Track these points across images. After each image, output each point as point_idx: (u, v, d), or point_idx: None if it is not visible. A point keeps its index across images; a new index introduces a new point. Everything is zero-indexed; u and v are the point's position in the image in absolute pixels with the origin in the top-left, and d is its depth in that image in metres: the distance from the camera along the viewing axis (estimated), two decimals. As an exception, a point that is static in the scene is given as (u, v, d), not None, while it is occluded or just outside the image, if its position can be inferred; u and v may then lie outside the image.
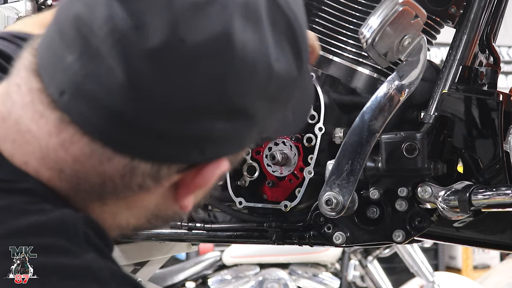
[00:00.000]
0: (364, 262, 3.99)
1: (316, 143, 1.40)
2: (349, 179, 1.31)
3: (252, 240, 1.57)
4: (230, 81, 0.70)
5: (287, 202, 1.43)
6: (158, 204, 0.79)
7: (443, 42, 2.33)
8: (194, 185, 0.77)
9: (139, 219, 0.80)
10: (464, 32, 1.41)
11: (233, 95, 0.71)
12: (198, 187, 0.77)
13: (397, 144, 1.32)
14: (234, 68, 0.70)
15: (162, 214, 0.81)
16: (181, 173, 0.75)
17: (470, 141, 1.38)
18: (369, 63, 1.48)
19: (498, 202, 1.26)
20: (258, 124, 0.77)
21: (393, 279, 4.15)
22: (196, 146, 0.73)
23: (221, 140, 0.74)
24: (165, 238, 1.69)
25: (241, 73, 0.71)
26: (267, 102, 0.75)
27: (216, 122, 0.72)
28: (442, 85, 1.38)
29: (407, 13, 1.26)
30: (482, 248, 4.53)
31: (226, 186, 1.50)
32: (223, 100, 0.71)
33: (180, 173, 0.75)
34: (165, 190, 0.77)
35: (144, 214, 0.80)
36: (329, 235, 1.43)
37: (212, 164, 0.76)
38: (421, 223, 1.35)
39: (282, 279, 4.03)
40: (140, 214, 0.80)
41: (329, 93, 1.43)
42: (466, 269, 6.10)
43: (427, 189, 1.32)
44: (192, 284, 4.15)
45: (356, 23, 1.46)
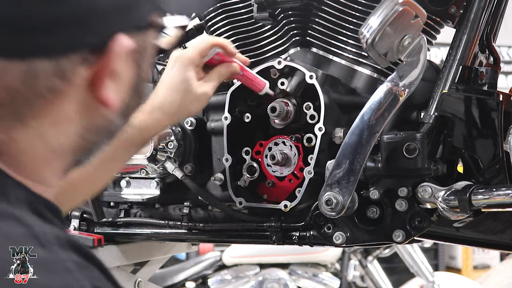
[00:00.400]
0: (364, 262, 3.99)
1: (316, 143, 1.40)
2: (349, 179, 1.31)
3: (252, 240, 1.57)
4: None
5: (287, 202, 1.43)
6: (82, 112, 0.74)
7: (443, 42, 2.33)
8: (102, 71, 0.72)
9: (69, 137, 0.75)
10: (464, 32, 1.41)
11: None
12: (108, 73, 0.73)
13: (397, 144, 1.32)
14: None
15: (92, 124, 0.76)
16: (86, 65, 0.71)
17: (470, 141, 1.38)
18: (369, 63, 1.48)
19: (498, 202, 1.26)
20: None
21: (393, 279, 4.15)
22: (82, 27, 0.69)
23: (107, 15, 0.71)
24: (165, 238, 1.69)
25: None
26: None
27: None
28: (442, 85, 1.38)
29: (407, 13, 1.26)
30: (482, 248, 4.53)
31: (226, 186, 1.50)
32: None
33: (85, 66, 0.71)
34: (81, 93, 0.73)
35: (73, 129, 0.74)
36: (329, 235, 1.43)
37: (111, 43, 0.71)
38: (421, 223, 1.35)
39: (282, 279, 4.03)
40: (69, 130, 0.74)
41: (329, 93, 1.43)
42: (466, 269, 6.10)
43: (427, 189, 1.32)
44: (192, 284, 4.16)
45: (356, 23, 1.46)
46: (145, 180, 1.65)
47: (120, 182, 1.68)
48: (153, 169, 1.61)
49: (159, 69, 1.80)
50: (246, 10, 1.57)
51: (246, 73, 1.43)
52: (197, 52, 1.36)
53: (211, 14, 1.62)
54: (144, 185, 1.65)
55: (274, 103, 1.43)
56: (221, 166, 1.53)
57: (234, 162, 1.49)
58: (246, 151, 1.51)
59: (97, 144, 0.80)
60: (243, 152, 1.51)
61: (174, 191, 1.64)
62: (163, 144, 1.59)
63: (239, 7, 1.58)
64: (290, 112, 1.44)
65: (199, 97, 1.35)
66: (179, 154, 1.59)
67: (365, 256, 3.99)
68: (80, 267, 0.65)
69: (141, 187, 1.66)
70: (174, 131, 1.60)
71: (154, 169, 1.61)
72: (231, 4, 1.59)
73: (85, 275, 0.65)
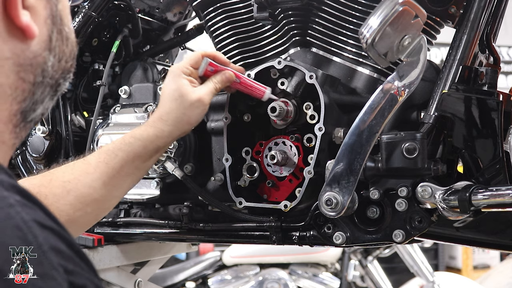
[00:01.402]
0: (364, 262, 3.99)
1: (316, 143, 1.40)
2: (349, 179, 1.31)
3: (252, 240, 1.57)
4: None
5: (287, 202, 1.43)
6: (10, 47, 0.76)
7: (443, 42, 2.33)
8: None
9: (7, 76, 0.76)
10: (464, 32, 1.41)
11: None
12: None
13: (397, 144, 1.32)
14: None
15: (22, 58, 0.77)
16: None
17: (470, 141, 1.38)
18: (369, 63, 1.48)
19: (498, 202, 1.26)
20: None
21: (393, 279, 4.15)
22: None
23: None
24: (165, 238, 1.69)
25: None
26: None
27: None
28: (442, 85, 1.38)
29: (407, 13, 1.26)
30: (482, 248, 4.53)
31: (226, 186, 1.50)
32: None
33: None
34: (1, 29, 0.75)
35: (7, 68, 0.76)
36: (329, 235, 1.43)
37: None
38: (421, 223, 1.35)
39: (282, 279, 4.03)
40: (2, 68, 0.76)
41: (329, 93, 1.43)
42: (466, 269, 6.10)
43: (427, 189, 1.32)
44: (192, 284, 4.16)
45: (356, 23, 1.46)
46: (145, 180, 1.65)
47: (120, 182, 1.68)
48: (153, 169, 1.61)
49: (159, 69, 1.80)
50: (246, 10, 1.57)
51: (243, 80, 1.44)
52: (187, 62, 1.40)
53: (211, 14, 1.62)
54: (144, 185, 1.65)
55: (274, 103, 1.43)
56: (221, 166, 1.53)
57: (234, 162, 1.49)
58: (246, 151, 1.51)
59: (39, 89, 0.81)
60: (243, 152, 1.51)
61: (174, 191, 1.64)
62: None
63: (239, 7, 1.58)
64: (290, 112, 1.43)
65: (195, 103, 1.37)
66: (179, 154, 1.59)
67: (365, 256, 4.00)
68: (22, 205, 0.66)
69: (141, 187, 1.66)
70: (174, 131, 1.60)
71: (154, 169, 1.61)
72: (231, 4, 1.59)
73: (27, 211, 0.65)
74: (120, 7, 1.78)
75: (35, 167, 1.82)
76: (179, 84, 1.38)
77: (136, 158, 1.35)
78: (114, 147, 1.35)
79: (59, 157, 1.77)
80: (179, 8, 1.96)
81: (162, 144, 1.38)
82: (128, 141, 1.35)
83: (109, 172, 1.32)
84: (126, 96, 1.71)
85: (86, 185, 1.30)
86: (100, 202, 1.33)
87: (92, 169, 1.32)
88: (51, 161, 1.78)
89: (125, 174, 1.35)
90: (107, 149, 1.35)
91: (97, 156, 1.34)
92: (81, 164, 1.33)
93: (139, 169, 1.37)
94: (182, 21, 2.00)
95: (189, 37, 1.95)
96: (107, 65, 1.72)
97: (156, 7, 1.91)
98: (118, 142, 1.36)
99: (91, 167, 1.32)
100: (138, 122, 1.64)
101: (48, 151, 1.76)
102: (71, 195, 1.28)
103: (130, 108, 1.68)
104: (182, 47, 2.01)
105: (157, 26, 1.94)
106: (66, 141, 1.76)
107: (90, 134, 1.69)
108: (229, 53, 1.61)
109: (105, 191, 1.32)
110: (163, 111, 1.38)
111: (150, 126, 1.37)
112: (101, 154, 1.34)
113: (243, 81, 1.44)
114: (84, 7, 1.71)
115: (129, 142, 1.35)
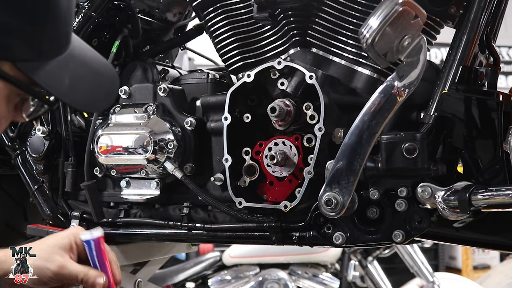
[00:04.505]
0: (364, 262, 3.98)
1: (316, 143, 1.40)
2: (349, 179, 1.31)
3: (252, 240, 1.57)
4: None
5: (287, 202, 1.43)
6: None
7: (443, 42, 2.33)
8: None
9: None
10: (464, 32, 1.41)
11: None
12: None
13: (397, 144, 1.32)
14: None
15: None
16: None
17: (470, 141, 1.38)
18: (369, 63, 1.48)
19: (498, 202, 1.26)
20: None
21: (393, 279, 4.14)
22: None
23: None
24: (165, 238, 1.69)
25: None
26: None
27: None
28: (442, 85, 1.38)
29: (407, 13, 1.26)
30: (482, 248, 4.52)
31: (226, 187, 1.50)
32: None
33: None
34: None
35: None
36: (329, 236, 1.43)
37: None
38: (421, 223, 1.35)
39: (282, 279, 4.03)
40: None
41: (329, 93, 1.43)
42: (466, 269, 6.09)
43: (427, 189, 1.32)
44: (192, 284, 4.15)
45: (356, 23, 1.45)
46: (145, 180, 1.65)
47: (120, 183, 1.68)
48: (153, 169, 1.61)
49: (159, 69, 1.80)
50: (246, 10, 1.56)
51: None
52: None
53: (211, 14, 1.62)
54: (144, 185, 1.65)
55: (274, 103, 1.43)
56: (221, 166, 1.53)
57: (234, 162, 1.49)
58: (246, 151, 1.51)
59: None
60: (243, 152, 1.51)
61: (174, 191, 1.64)
62: (163, 144, 1.59)
63: (239, 7, 1.58)
64: (290, 112, 1.43)
65: (55, 274, 1.15)
66: (179, 154, 1.59)
67: (365, 257, 3.99)
68: None
69: (141, 188, 1.66)
70: (174, 132, 1.60)
71: (154, 170, 1.61)
72: (231, 4, 1.59)
73: None
74: (120, 7, 1.78)
75: (35, 167, 1.82)
76: (60, 241, 1.21)
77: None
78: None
79: (59, 157, 1.77)
80: (179, 8, 1.96)
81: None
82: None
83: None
84: (126, 96, 1.71)
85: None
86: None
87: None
88: (51, 161, 1.78)
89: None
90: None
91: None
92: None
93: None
94: (182, 21, 2.00)
95: (189, 37, 1.94)
96: (107, 65, 1.72)
97: (156, 7, 1.90)
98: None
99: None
100: (138, 122, 1.64)
101: (48, 151, 1.76)
102: None
103: (130, 108, 1.68)
104: (182, 47, 2.01)
105: (157, 26, 1.93)
106: (66, 141, 1.76)
107: (90, 134, 1.69)
108: (229, 53, 1.61)
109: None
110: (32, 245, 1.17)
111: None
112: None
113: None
114: (84, 7, 1.71)
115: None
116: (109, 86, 1.08)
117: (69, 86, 0.96)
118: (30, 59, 0.91)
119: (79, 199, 1.77)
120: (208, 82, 1.67)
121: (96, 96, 1.04)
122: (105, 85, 1.06)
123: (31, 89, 0.94)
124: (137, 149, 1.60)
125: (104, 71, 1.06)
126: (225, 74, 1.71)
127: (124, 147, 1.63)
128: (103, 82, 1.05)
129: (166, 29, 1.98)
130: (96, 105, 1.11)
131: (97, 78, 1.04)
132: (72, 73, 0.97)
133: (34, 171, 1.83)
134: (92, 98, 1.03)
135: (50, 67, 0.93)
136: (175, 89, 1.68)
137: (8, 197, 2.11)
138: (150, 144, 1.58)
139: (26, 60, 0.91)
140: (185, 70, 1.93)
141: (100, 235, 1.23)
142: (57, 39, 0.94)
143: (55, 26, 0.93)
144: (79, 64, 1.00)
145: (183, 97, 1.69)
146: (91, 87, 1.02)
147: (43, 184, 1.82)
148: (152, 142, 1.58)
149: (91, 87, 1.02)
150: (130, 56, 1.86)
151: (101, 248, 1.24)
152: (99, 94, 1.05)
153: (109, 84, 1.07)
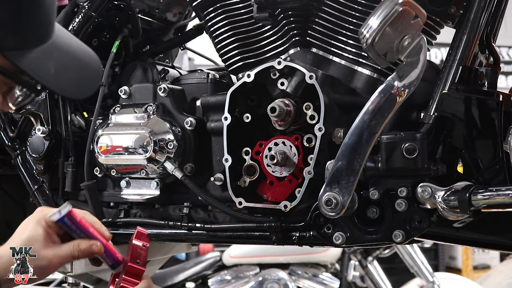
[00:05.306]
0: (364, 262, 3.98)
1: (316, 143, 1.40)
2: (349, 179, 1.31)
3: (252, 240, 1.57)
4: None
5: (287, 202, 1.43)
6: None
7: (443, 42, 2.33)
8: None
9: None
10: (464, 32, 1.41)
11: None
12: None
13: (397, 144, 1.32)
14: None
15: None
16: None
17: (470, 141, 1.38)
18: (369, 63, 1.48)
19: (498, 202, 1.26)
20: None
21: (393, 279, 4.14)
22: None
23: None
24: (165, 238, 1.69)
25: None
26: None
27: None
28: (442, 85, 1.38)
29: (407, 13, 1.26)
30: (482, 248, 4.52)
31: (226, 187, 1.50)
32: None
33: None
34: None
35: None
36: (329, 236, 1.43)
37: None
38: (421, 223, 1.35)
39: (282, 279, 4.03)
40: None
41: (329, 93, 1.43)
42: (466, 269, 6.09)
43: (427, 189, 1.32)
44: (192, 284, 4.15)
45: (356, 23, 1.45)
46: (145, 180, 1.65)
47: (120, 183, 1.68)
48: (153, 169, 1.61)
49: (159, 69, 1.80)
50: (246, 10, 1.56)
51: (108, 252, 1.27)
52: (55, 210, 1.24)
53: (211, 14, 1.62)
54: (144, 185, 1.65)
55: (274, 103, 1.43)
56: (221, 166, 1.53)
57: (234, 162, 1.49)
58: (246, 151, 1.51)
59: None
60: (243, 152, 1.51)
61: (174, 191, 1.64)
62: (163, 144, 1.59)
63: (239, 7, 1.58)
64: (290, 112, 1.43)
65: (40, 267, 1.09)
66: (179, 154, 1.59)
67: (365, 257, 3.99)
68: None
69: (141, 188, 1.66)
70: (174, 132, 1.60)
71: (154, 170, 1.61)
72: (231, 4, 1.59)
73: None
74: (120, 7, 1.78)
75: (35, 167, 1.81)
76: (34, 234, 1.12)
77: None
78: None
79: (59, 157, 1.77)
80: (179, 8, 1.96)
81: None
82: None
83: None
84: (126, 96, 1.71)
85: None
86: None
87: None
88: (51, 161, 1.78)
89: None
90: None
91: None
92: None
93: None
94: (182, 21, 2.00)
95: (189, 37, 1.94)
96: (107, 65, 1.72)
97: (156, 7, 1.90)
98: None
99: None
100: (138, 122, 1.64)
101: (48, 151, 1.76)
102: None
103: (130, 108, 1.68)
104: (182, 47, 2.01)
105: (157, 26, 1.94)
106: (66, 142, 1.76)
107: (90, 134, 1.69)
108: (229, 53, 1.61)
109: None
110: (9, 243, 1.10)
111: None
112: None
113: (108, 253, 1.27)
114: (84, 7, 1.71)
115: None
116: (93, 73, 1.10)
117: (54, 74, 0.98)
118: (15, 48, 0.93)
119: (79, 199, 1.77)
120: (208, 82, 1.67)
121: (82, 83, 1.06)
122: (90, 72, 1.08)
123: (19, 77, 0.95)
124: (137, 149, 1.60)
125: (88, 59, 1.08)
126: (225, 74, 1.72)
127: (124, 147, 1.63)
128: (87, 69, 1.07)
129: (166, 29, 1.98)
130: (82, 92, 1.12)
131: (82, 66, 1.06)
132: (57, 62, 0.99)
133: (34, 171, 1.83)
134: (78, 85, 1.06)
135: (34, 55, 0.95)
136: (175, 89, 1.68)
137: (8, 197, 2.11)
138: (150, 144, 1.58)
139: (11, 49, 0.92)
140: (185, 70, 1.93)
141: (69, 209, 1.19)
142: (40, 27, 0.96)
143: (38, 15, 0.95)
144: (63, 52, 1.02)
145: (183, 97, 1.69)
146: (76, 74, 1.04)
147: (43, 184, 1.82)
148: (152, 142, 1.58)
149: (76, 74, 1.04)
150: (130, 56, 1.86)
151: (77, 219, 1.21)
152: (84, 81, 1.07)
153: (93, 71, 1.10)
